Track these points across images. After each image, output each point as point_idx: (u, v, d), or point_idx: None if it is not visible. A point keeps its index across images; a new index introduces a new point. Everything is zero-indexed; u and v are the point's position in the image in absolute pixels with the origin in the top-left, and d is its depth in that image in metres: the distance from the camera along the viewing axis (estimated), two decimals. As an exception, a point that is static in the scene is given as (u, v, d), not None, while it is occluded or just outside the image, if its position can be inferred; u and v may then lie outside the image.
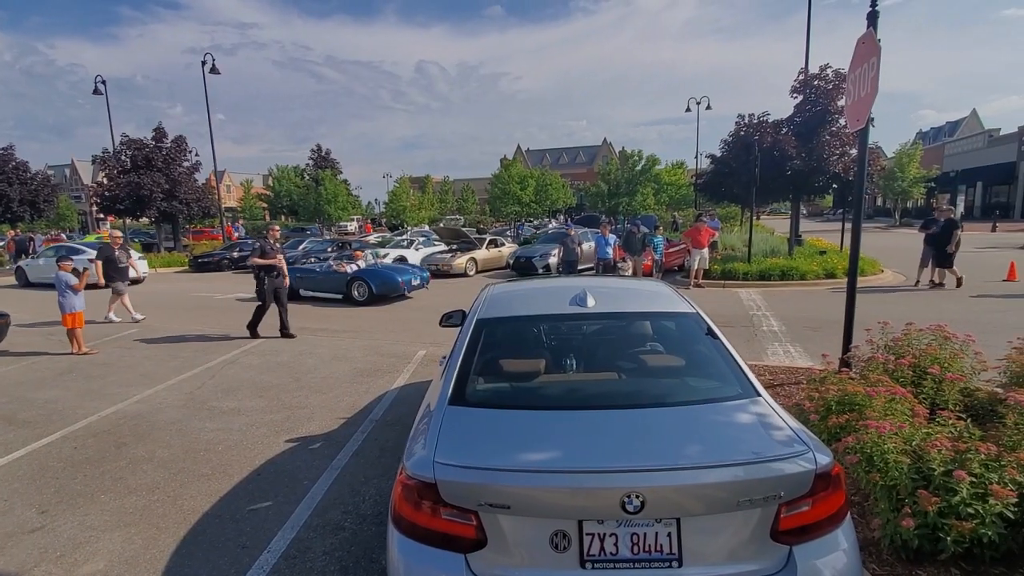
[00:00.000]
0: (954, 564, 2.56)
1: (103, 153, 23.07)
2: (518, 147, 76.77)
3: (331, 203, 38.62)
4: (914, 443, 2.74)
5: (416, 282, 12.87)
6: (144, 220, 26.36)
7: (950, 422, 2.91)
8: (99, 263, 10.24)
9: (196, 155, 25.02)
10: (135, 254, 18.18)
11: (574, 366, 2.76)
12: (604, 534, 1.74)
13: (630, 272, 13.85)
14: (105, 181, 22.59)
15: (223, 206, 28.66)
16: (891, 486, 2.66)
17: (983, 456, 2.54)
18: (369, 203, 67.01)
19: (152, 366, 7.29)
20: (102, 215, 34.78)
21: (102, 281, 10.23)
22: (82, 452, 4.57)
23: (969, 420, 3.01)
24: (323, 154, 44.17)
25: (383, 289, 12.05)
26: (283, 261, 8.82)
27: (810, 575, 1.73)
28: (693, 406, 2.24)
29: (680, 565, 1.73)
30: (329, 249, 20.55)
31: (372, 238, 27.16)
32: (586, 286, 3.05)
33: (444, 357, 3.11)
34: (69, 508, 3.66)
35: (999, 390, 3.66)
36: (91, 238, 37.48)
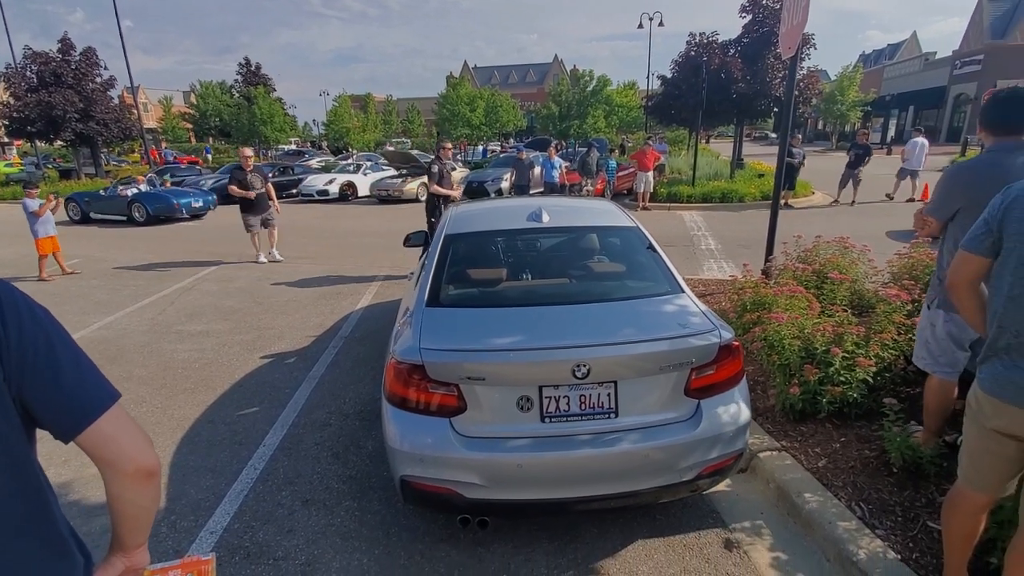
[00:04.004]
0: (828, 421, 3.28)
1: (6, 69, 20.48)
2: (464, 64, 73.05)
3: (267, 124, 36.18)
4: (806, 331, 3.38)
5: (197, 204, 14.02)
6: (58, 144, 24.01)
7: (837, 314, 3.57)
8: (234, 188, 8.88)
9: (106, 69, 22.60)
10: None
11: (531, 273, 3.17)
12: (558, 396, 2.22)
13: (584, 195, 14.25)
14: (12, 101, 20.22)
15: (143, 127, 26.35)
16: (785, 364, 3.32)
17: (855, 336, 3.21)
18: (306, 124, 62.73)
19: (105, 295, 7.22)
20: (7, 139, 31.31)
21: (251, 194, 8.68)
22: (57, 375, 4.70)
23: (850, 312, 3.68)
24: (253, 69, 40.47)
25: (158, 211, 13.49)
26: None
27: (711, 420, 2.29)
28: (630, 300, 2.73)
29: (616, 416, 2.25)
30: (271, 174, 19.66)
31: (315, 162, 25.93)
32: (541, 204, 3.41)
33: (411, 272, 3.45)
34: (60, 422, 3.88)
35: (881, 288, 4.39)
36: (-3, 164, 33.82)
